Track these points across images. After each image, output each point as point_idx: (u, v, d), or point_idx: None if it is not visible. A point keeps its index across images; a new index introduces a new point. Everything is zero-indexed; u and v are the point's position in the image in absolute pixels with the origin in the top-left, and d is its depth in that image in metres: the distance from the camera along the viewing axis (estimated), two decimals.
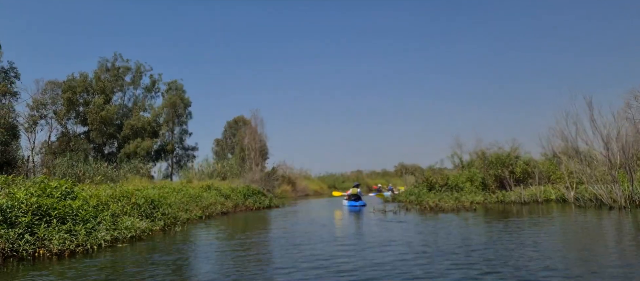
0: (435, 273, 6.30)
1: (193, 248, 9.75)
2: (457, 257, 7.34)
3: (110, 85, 45.67)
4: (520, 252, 7.58)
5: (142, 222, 12.03)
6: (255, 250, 9.31)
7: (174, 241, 11.06)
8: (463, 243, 8.73)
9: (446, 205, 16.83)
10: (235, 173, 39.36)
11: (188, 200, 19.37)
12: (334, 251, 8.60)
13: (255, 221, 17.15)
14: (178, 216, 15.56)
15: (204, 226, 14.93)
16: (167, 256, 8.73)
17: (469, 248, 8.17)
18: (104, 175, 31.75)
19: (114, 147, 45.70)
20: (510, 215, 14.36)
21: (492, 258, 7.20)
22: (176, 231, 13.09)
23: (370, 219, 15.21)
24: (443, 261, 7.04)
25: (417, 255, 7.67)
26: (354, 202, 23.64)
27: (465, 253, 7.68)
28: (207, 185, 25.07)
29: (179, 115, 47.68)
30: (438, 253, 7.83)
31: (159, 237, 11.87)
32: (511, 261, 6.80)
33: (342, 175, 65.37)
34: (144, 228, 11.74)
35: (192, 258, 8.49)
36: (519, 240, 8.87)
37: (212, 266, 7.52)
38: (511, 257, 7.18)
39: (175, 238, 11.54)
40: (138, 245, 10.37)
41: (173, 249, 9.60)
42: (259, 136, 46.31)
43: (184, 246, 10.02)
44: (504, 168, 21.39)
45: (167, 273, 7.14)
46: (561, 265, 6.57)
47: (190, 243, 10.60)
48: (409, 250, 8.25)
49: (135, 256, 8.87)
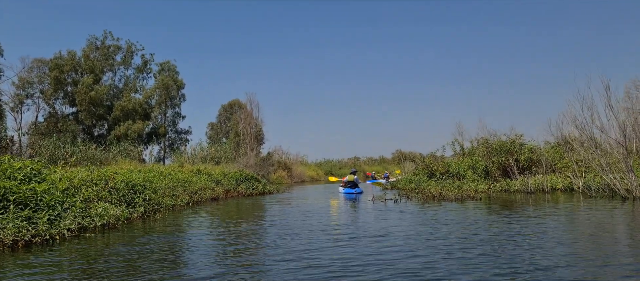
0: (447, 269, 5.29)
1: (165, 239, 8.66)
2: (470, 250, 6.31)
3: (100, 64, 44.22)
4: (539, 244, 6.57)
5: (118, 209, 10.91)
6: (236, 242, 8.23)
7: (150, 230, 9.98)
8: (474, 235, 7.69)
9: (450, 194, 15.79)
10: (230, 158, 38.35)
11: (175, 185, 18.32)
12: (329, 244, 7.54)
13: (245, 209, 16.11)
14: (161, 203, 14.53)
15: (189, 214, 13.86)
16: (133, 247, 7.65)
17: (483, 242, 7.12)
18: (92, 158, 30.72)
19: (104, 129, 44.47)
20: (518, 205, 13.33)
21: (511, 253, 6.16)
22: (156, 218, 12.01)
23: (369, 208, 14.16)
24: (457, 254, 6.03)
25: (427, 250, 6.62)
26: (350, 190, 22.62)
27: (479, 247, 6.64)
28: (197, 169, 24.00)
29: (171, 97, 46.35)
30: (449, 247, 6.78)
31: (137, 225, 10.79)
32: (531, 256, 5.79)
33: (339, 161, 64.50)
34: (118, 216, 10.65)
35: (158, 250, 7.39)
36: (537, 231, 7.85)
37: (176, 260, 6.46)
38: (530, 251, 6.16)
39: (153, 227, 10.46)
40: (109, 235, 9.28)
41: (142, 240, 8.50)
42: (255, 120, 45.31)
43: (157, 237, 8.94)
44: (508, 156, 20.38)
45: (120, 268, 6.06)
46: (583, 258, 5.57)
47: (166, 233, 9.53)
48: (414, 242, 7.22)
49: (97, 248, 7.73)
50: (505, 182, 19.03)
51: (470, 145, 27.37)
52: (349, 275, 5.47)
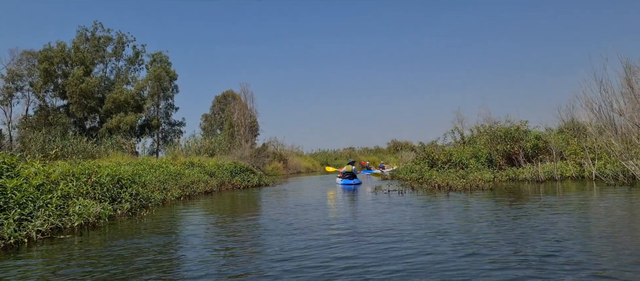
0: (476, 271, 4.33)
1: (149, 239, 7.62)
2: (498, 248, 5.36)
3: (90, 56, 42.78)
4: (576, 238, 5.63)
5: (98, 206, 9.81)
6: (227, 241, 7.20)
7: (135, 228, 8.92)
8: (497, 230, 6.73)
9: (457, 184, 14.78)
10: (224, 149, 37.25)
11: (167, 178, 17.24)
12: (331, 241, 6.54)
13: (240, 202, 15.07)
14: (150, 198, 13.45)
15: (180, 209, 12.80)
16: (108, 250, 6.60)
17: (511, 237, 6.16)
18: (84, 151, 29.58)
19: (96, 122, 43.14)
20: (533, 195, 12.38)
21: (545, 250, 5.20)
22: (143, 215, 10.94)
23: (371, 200, 13.16)
24: (484, 252, 5.07)
25: (446, 248, 5.64)
26: (348, 180, 21.62)
27: (509, 244, 5.68)
28: (190, 161, 22.90)
29: (164, 89, 45.03)
30: (472, 244, 5.81)
31: (122, 223, 9.74)
32: (569, 254, 4.83)
33: (335, 151, 63.52)
34: (99, 213, 9.56)
35: (137, 252, 6.36)
36: (570, 224, 6.90)
37: (158, 264, 5.43)
38: (566, 248, 5.21)
39: (139, 225, 9.41)
40: (88, 235, 8.22)
41: (119, 243, 7.45)
42: (249, 111, 44.25)
43: (140, 237, 7.89)
44: (514, 144, 19.43)
45: (85, 277, 5.02)
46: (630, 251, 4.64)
47: (151, 231, 8.48)
48: (431, 239, 6.24)
49: (64, 253, 6.67)
50: (511, 170, 18.07)
51: (471, 133, 26.44)
52: (353, 276, 4.50)
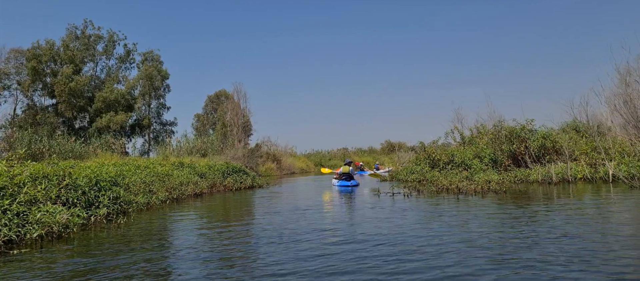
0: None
1: (119, 252, 6.25)
2: (545, 269, 4.10)
3: (80, 54, 41.11)
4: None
5: (65, 213, 8.38)
6: (211, 252, 5.84)
7: (107, 239, 7.54)
8: (533, 242, 5.47)
9: (467, 186, 13.46)
10: (217, 149, 35.83)
11: (153, 180, 15.81)
12: (325, 252, 5.24)
13: (232, 206, 13.70)
14: (133, 201, 12.04)
15: (165, 213, 11.42)
16: (63, 267, 5.23)
17: (553, 251, 4.90)
18: (71, 151, 28.04)
19: (86, 121, 41.45)
20: (553, 199, 11.13)
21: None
22: (120, 223, 9.52)
23: (374, 203, 11.85)
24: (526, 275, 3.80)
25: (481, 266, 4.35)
26: (345, 182, 20.29)
27: (553, 262, 4.43)
28: (180, 161, 21.46)
29: (155, 88, 43.47)
30: (512, 260, 4.54)
31: (94, 232, 8.35)
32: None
33: (329, 152, 62.21)
34: (66, 221, 8.14)
35: (95, 271, 5.00)
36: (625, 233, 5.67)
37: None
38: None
39: (113, 234, 8.02)
40: (50, 248, 6.83)
41: (77, 262, 6.07)
42: (242, 111, 42.92)
43: (106, 253, 6.52)
44: (520, 143, 18.22)
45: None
46: None
47: (124, 242, 7.11)
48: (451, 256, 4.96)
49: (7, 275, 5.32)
50: (519, 171, 16.83)
51: (470, 133, 25.25)
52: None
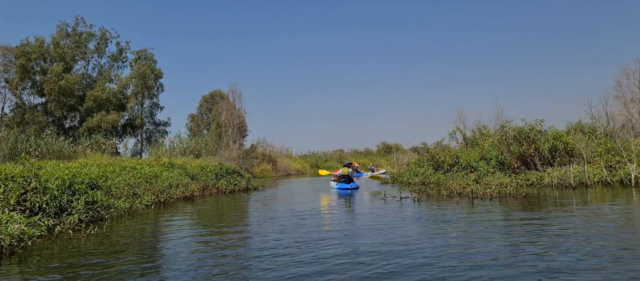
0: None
1: (72, 273, 4.90)
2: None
3: (71, 52, 39.54)
4: None
5: (19, 223, 6.96)
6: (191, 269, 4.50)
7: (69, 253, 6.17)
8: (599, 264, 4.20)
9: (481, 191, 12.14)
10: (211, 150, 34.43)
11: (139, 182, 14.42)
12: (326, 266, 3.94)
13: (224, 210, 12.33)
14: (113, 206, 10.64)
15: (148, 220, 10.03)
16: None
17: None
18: (59, 151, 26.55)
19: (76, 121, 39.86)
20: (586, 204, 9.88)
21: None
22: (90, 233, 8.08)
23: (379, 209, 10.55)
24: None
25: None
26: (344, 185, 18.97)
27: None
28: (170, 162, 20.05)
29: (149, 87, 41.95)
30: None
31: (62, 243, 6.97)
32: None
33: (325, 153, 60.89)
34: (21, 233, 6.72)
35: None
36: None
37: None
38: None
39: (80, 246, 6.64)
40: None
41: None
42: (237, 111, 41.53)
43: (60, 269, 5.16)
44: (529, 145, 17.00)
45: None
46: None
47: (90, 256, 5.75)
48: None
49: None
50: (531, 174, 15.58)
51: (472, 134, 24.05)
52: None
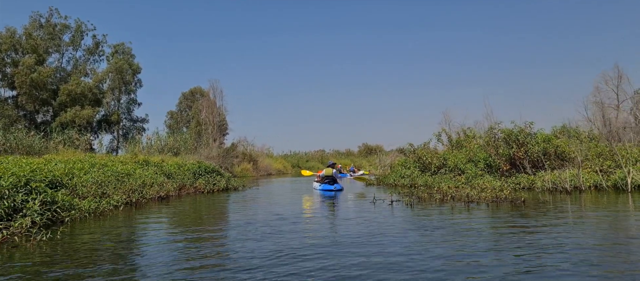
0: None
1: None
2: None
3: (45, 44, 37.60)
4: None
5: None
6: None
7: (8, 265, 5.11)
8: None
9: (479, 195, 11.38)
10: (190, 148, 33.15)
11: (110, 180, 13.25)
12: None
13: (201, 212, 11.28)
14: (76, 206, 9.53)
15: (114, 223, 8.94)
16: None
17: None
18: (29, 147, 24.96)
19: (49, 116, 37.96)
20: (595, 210, 9.20)
21: None
22: (40, 239, 6.96)
23: (369, 213, 9.70)
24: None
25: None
26: (328, 186, 18.04)
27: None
28: (145, 159, 18.84)
29: (126, 83, 40.28)
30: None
31: (6, 252, 5.88)
32: None
33: (306, 153, 59.98)
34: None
35: None
36: None
37: None
38: None
39: (25, 256, 5.57)
40: None
41: None
42: (218, 109, 40.34)
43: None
44: (519, 148, 16.43)
45: None
46: None
47: (31, 271, 4.71)
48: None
49: None
50: (523, 177, 14.96)
51: (457, 136, 23.49)
52: None
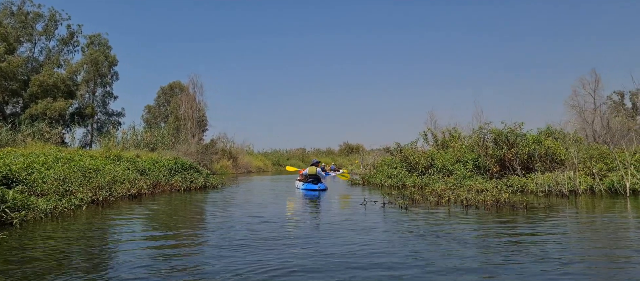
0: None
1: None
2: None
3: (15, 32, 35.60)
4: None
5: None
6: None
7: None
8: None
9: (477, 198, 10.57)
10: (168, 144, 31.78)
11: (75, 176, 12.02)
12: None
13: (174, 213, 10.21)
14: (30, 206, 8.36)
15: (75, 224, 7.82)
16: None
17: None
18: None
19: (19, 107, 35.96)
20: (606, 214, 8.50)
21: None
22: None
23: (358, 216, 8.83)
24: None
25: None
26: (311, 185, 17.11)
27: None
28: (116, 154, 17.56)
29: (102, 75, 38.54)
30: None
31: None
32: None
33: (287, 151, 58.94)
34: None
35: None
36: None
37: None
38: None
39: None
40: None
41: None
42: (198, 104, 39.06)
43: None
44: (509, 148, 15.80)
45: None
46: None
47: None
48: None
49: None
50: (515, 179, 14.30)
51: (442, 136, 22.86)
52: None
